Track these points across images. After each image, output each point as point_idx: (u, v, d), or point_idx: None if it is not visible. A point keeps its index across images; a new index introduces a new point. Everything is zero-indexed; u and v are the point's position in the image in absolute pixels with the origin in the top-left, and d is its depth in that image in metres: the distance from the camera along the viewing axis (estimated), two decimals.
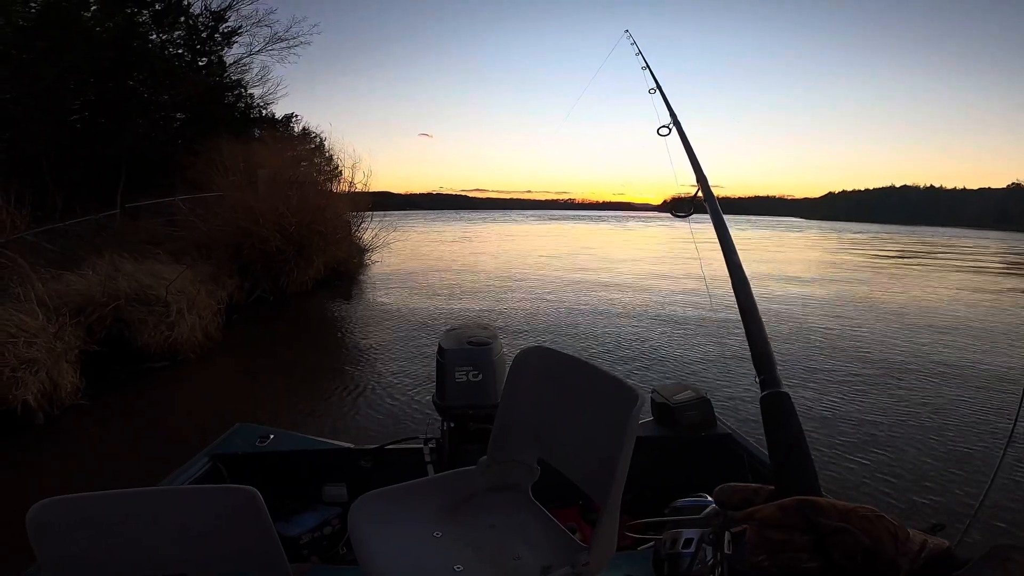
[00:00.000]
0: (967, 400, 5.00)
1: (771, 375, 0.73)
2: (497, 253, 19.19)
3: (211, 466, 1.98)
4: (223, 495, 0.87)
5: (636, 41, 2.23)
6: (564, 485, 1.07)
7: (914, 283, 13.46)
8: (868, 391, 5.20)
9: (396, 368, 5.75)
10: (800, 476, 0.61)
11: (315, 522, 1.99)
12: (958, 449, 3.96)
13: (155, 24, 12.88)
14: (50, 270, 5.82)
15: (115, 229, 8.69)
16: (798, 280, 12.87)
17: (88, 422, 4.40)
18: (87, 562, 0.83)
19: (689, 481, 1.90)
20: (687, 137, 1.60)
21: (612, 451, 0.88)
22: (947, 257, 23.21)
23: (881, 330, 7.89)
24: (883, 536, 0.47)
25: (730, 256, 0.98)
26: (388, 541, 0.99)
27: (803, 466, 0.62)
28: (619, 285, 11.47)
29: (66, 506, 0.81)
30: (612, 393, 0.95)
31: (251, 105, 15.28)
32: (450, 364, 1.93)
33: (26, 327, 4.55)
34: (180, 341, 5.84)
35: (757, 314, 0.84)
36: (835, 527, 0.47)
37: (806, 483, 0.59)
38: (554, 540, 1.03)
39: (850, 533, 0.46)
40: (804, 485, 0.57)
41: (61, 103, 10.88)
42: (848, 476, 3.52)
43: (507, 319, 8.16)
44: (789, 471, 0.62)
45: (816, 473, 0.62)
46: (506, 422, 1.18)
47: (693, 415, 2.13)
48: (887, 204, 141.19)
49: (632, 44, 2.23)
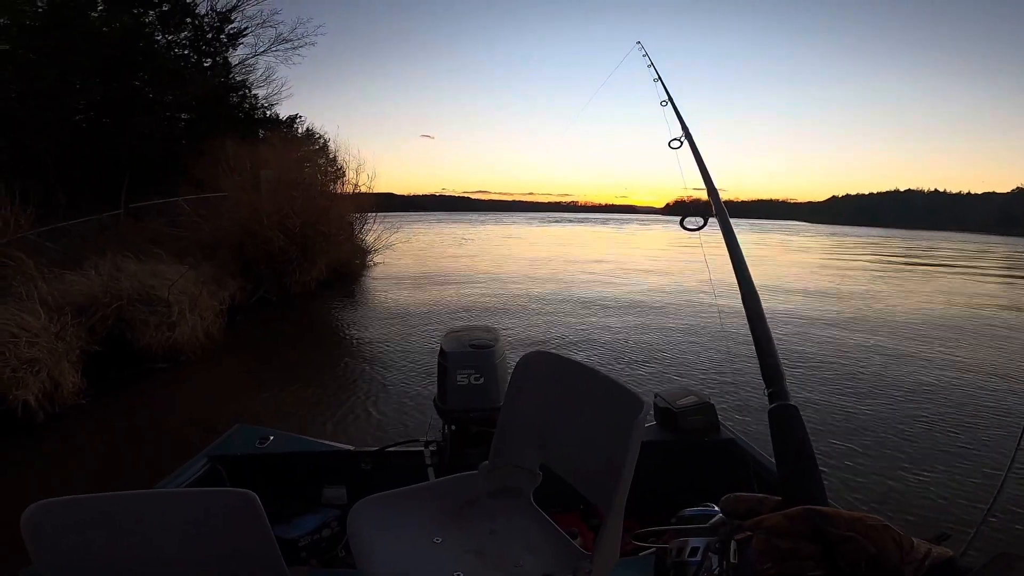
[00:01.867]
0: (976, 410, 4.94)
1: (780, 388, 0.73)
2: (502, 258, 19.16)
3: (210, 467, 1.97)
4: (221, 498, 0.86)
5: (648, 53, 2.23)
6: (565, 490, 1.06)
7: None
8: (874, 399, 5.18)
9: (397, 370, 5.74)
10: (808, 487, 0.60)
11: (314, 525, 1.98)
12: (965, 460, 3.91)
13: (161, 24, 12.95)
14: (53, 269, 5.82)
15: (118, 229, 8.71)
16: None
17: (88, 422, 4.40)
18: (82, 565, 0.81)
19: (692, 487, 1.88)
20: (699, 151, 1.60)
21: (616, 457, 0.87)
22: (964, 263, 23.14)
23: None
24: (888, 545, 0.47)
25: (740, 271, 0.98)
26: (388, 546, 0.98)
27: (811, 477, 0.62)
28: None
29: (61, 508, 0.80)
30: (616, 399, 0.94)
31: (256, 106, 15.34)
32: (452, 367, 1.91)
33: (28, 327, 4.55)
34: (181, 342, 5.84)
35: (766, 327, 0.84)
36: (842, 536, 0.47)
37: (814, 494, 0.58)
38: (556, 547, 1.02)
39: (856, 542, 0.46)
40: (811, 496, 0.56)
41: (66, 102, 10.94)
42: (854, 487, 3.50)
43: (509, 327, 8.14)
44: (797, 482, 0.61)
45: (823, 485, 0.61)
46: (508, 426, 1.16)
47: (696, 420, 2.11)
48: (891, 208, 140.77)
49: (644, 56, 2.22)
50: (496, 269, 14.74)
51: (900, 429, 4.41)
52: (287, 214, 9.20)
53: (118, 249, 6.70)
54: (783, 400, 0.71)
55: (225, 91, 14.29)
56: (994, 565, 0.44)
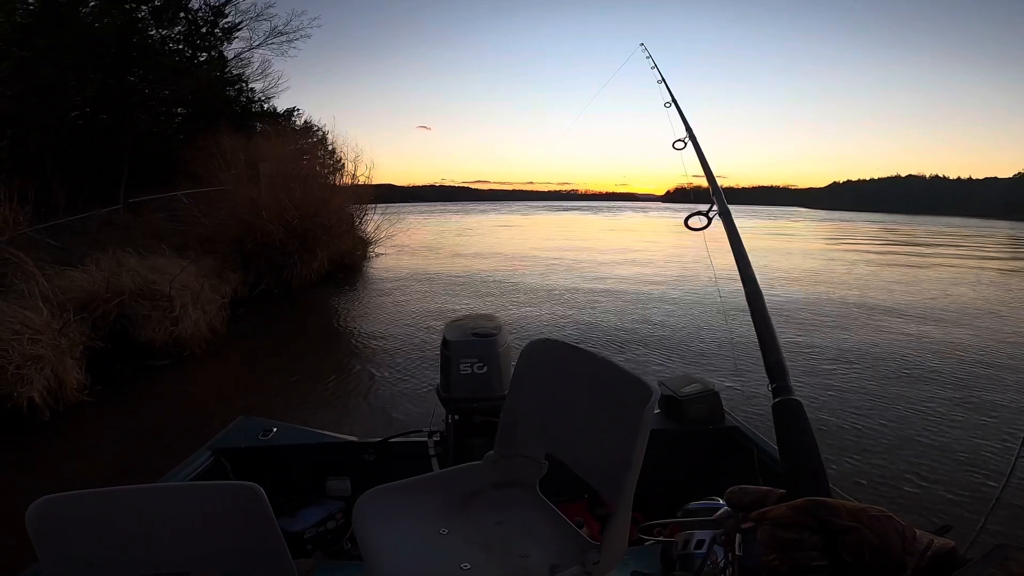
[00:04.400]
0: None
1: (783, 383, 0.74)
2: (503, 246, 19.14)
3: (214, 460, 1.97)
4: (226, 491, 0.86)
5: (651, 55, 2.21)
6: (571, 479, 1.05)
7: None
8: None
9: (399, 360, 5.75)
10: (812, 480, 0.61)
11: (319, 517, 1.98)
12: (972, 453, 3.88)
13: (154, 20, 12.85)
14: (54, 266, 5.81)
15: (118, 224, 8.70)
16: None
17: (93, 418, 4.41)
18: (88, 560, 0.81)
19: (698, 476, 1.89)
20: (703, 152, 1.59)
21: (624, 447, 0.86)
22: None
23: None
24: (891, 535, 0.47)
25: (744, 269, 0.98)
26: (394, 538, 0.98)
27: (815, 471, 0.63)
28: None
29: (67, 503, 0.80)
30: (625, 387, 0.93)
31: (252, 99, 15.29)
32: (455, 356, 1.90)
33: (30, 323, 4.55)
34: (184, 336, 5.83)
35: (770, 323, 0.84)
36: (845, 526, 0.47)
37: (818, 487, 0.59)
38: (563, 538, 1.02)
39: (860, 532, 0.47)
40: (816, 489, 0.57)
41: (63, 100, 10.89)
42: (858, 478, 3.50)
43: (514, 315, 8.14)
44: (801, 475, 0.62)
45: (827, 478, 0.62)
46: (513, 416, 1.16)
47: (701, 408, 2.11)
48: (892, 194, 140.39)
49: (648, 57, 2.20)
50: (498, 261, 14.72)
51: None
52: (286, 207, 9.18)
53: (118, 244, 6.68)
54: (787, 395, 0.71)
55: (221, 85, 14.21)
56: (992, 556, 0.45)
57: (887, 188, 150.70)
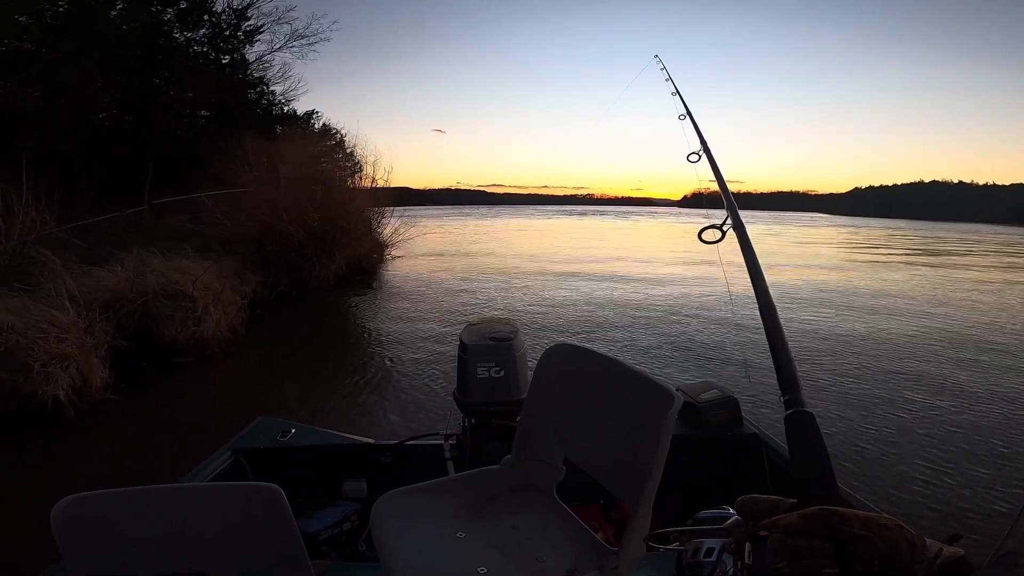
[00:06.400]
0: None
1: (796, 395, 0.75)
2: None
3: (234, 460, 1.99)
4: (247, 492, 0.87)
5: (666, 66, 2.21)
6: (585, 483, 1.05)
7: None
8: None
9: (416, 363, 5.78)
10: (823, 490, 0.62)
11: (335, 518, 1.99)
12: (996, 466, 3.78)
13: (179, 23, 13.11)
14: (80, 266, 5.92)
15: (142, 225, 8.85)
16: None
17: (117, 417, 4.48)
18: (111, 559, 0.83)
19: (715, 483, 1.87)
20: (717, 166, 1.59)
21: (645, 454, 0.85)
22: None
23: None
24: (901, 543, 0.48)
25: (757, 281, 0.99)
26: (411, 541, 0.98)
27: (826, 481, 0.64)
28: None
29: (91, 503, 0.81)
30: (645, 394, 0.93)
31: (273, 102, 15.49)
32: (472, 360, 1.90)
33: (57, 322, 4.64)
34: (206, 336, 5.92)
35: (783, 335, 0.85)
36: (855, 534, 0.48)
37: (828, 497, 0.60)
38: (580, 543, 1.01)
39: (869, 540, 0.47)
40: (826, 498, 0.57)
41: (90, 101, 11.11)
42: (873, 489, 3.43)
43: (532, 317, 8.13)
44: (812, 485, 0.63)
45: (838, 488, 0.63)
46: (531, 421, 1.15)
47: (720, 414, 2.09)
48: (915, 200, 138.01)
49: (662, 70, 2.21)
50: (512, 264, 14.72)
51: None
52: (306, 209, 9.27)
53: (143, 245, 6.80)
54: (799, 407, 0.72)
55: (243, 88, 14.43)
56: (1000, 563, 0.45)
57: (910, 194, 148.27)
